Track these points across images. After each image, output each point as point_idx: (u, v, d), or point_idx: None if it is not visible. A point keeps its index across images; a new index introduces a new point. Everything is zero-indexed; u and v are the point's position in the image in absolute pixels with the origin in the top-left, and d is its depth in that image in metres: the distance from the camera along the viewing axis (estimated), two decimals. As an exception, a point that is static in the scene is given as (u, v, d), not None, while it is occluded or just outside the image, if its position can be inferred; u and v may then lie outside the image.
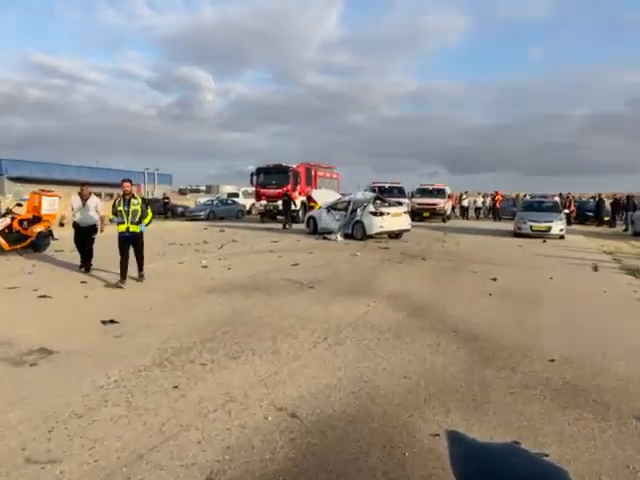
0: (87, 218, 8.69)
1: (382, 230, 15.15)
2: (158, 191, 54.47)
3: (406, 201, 22.82)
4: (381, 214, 15.08)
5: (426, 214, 25.50)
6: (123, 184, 7.58)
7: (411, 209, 21.68)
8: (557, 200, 22.01)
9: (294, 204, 22.03)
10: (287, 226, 20.49)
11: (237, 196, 35.02)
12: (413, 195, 26.95)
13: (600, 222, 24.87)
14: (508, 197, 36.36)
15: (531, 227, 16.76)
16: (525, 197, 33.67)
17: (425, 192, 27.07)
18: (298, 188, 24.08)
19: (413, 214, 21.54)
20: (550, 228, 16.50)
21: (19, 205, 12.17)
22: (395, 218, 15.42)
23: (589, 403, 3.54)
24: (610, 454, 2.86)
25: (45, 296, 6.63)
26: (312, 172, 26.22)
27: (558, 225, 16.55)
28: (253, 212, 29.29)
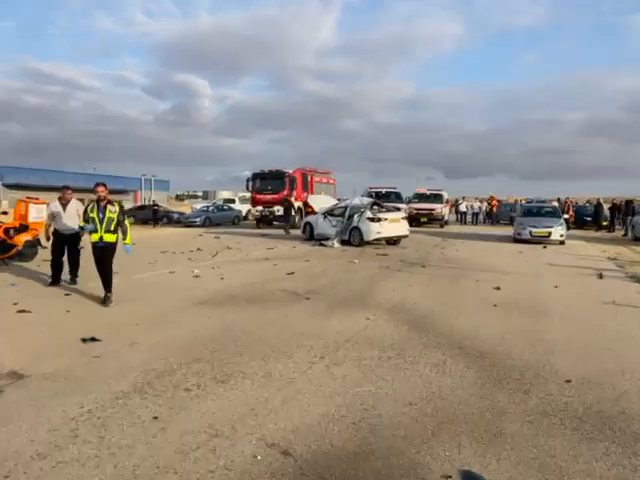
0: (69, 225, 8.03)
1: (380, 236, 14.83)
2: (155, 197, 54.18)
3: (403, 206, 22.53)
4: (379, 220, 14.77)
5: (423, 219, 25.21)
6: (97, 188, 6.75)
7: (408, 214, 21.38)
8: (556, 205, 21.77)
9: (294, 210, 21.69)
10: (288, 232, 20.17)
11: (233, 202, 34.71)
12: (410, 200, 26.67)
13: (599, 227, 24.67)
14: (504, 202, 36.19)
15: (531, 233, 16.49)
16: (521, 202, 33.58)
17: (422, 197, 26.81)
18: (294, 194, 23.76)
19: (410, 219, 21.26)
20: (550, 234, 16.23)
21: (4, 213, 11.76)
22: (393, 224, 15.10)
23: (616, 433, 3.18)
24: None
25: (24, 311, 6.23)
26: (308, 177, 25.93)
27: (558, 230, 16.27)
28: (250, 218, 28.95)
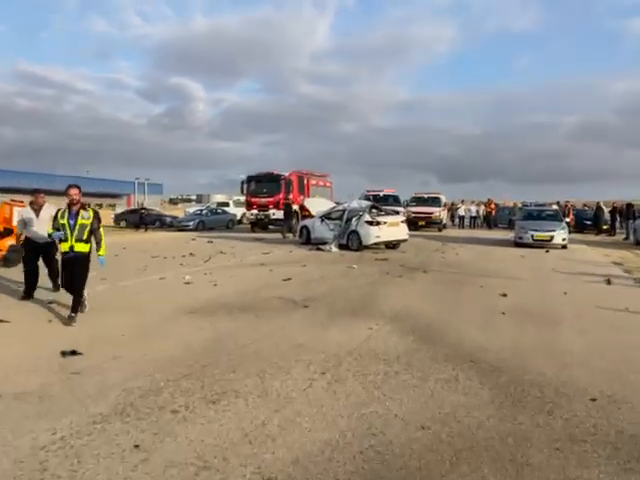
0: (43, 233, 6.98)
1: (379, 240, 14.48)
2: (149, 201, 53.68)
3: (402, 210, 22.20)
4: (378, 223, 14.42)
5: (421, 223, 24.88)
6: (69, 191, 5.92)
7: (406, 218, 21.06)
8: (557, 208, 21.50)
9: (296, 213, 21.29)
10: (286, 235, 19.80)
11: (228, 205, 34.29)
12: (408, 204, 26.36)
13: (599, 231, 24.43)
14: (502, 206, 35.96)
15: (532, 236, 16.16)
16: (520, 206, 33.33)
17: (420, 200, 26.49)
18: (290, 197, 23.39)
19: (408, 223, 20.94)
20: (552, 237, 15.92)
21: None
22: (392, 228, 14.76)
23: (656, 463, 2.82)
24: None
25: (2, 321, 5.82)
26: (304, 180, 25.59)
27: (561, 234, 15.97)
28: (244, 222, 28.55)
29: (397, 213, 17.66)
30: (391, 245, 15.28)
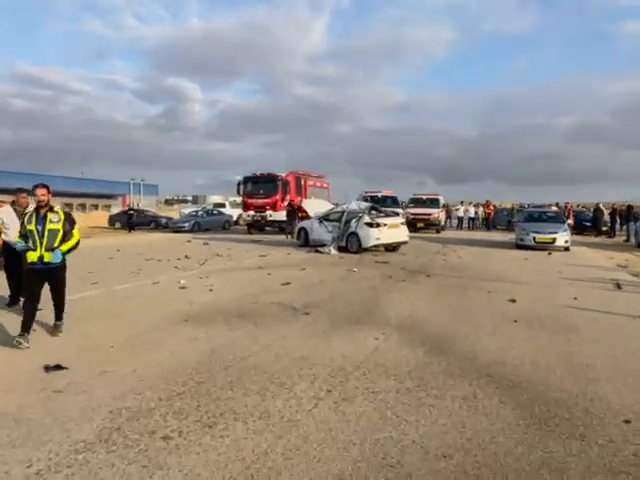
0: None
1: (379, 242, 14.15)
2: (144, 202, 53.19)
3: (400, 211, 21.89)
4: (377, 225, 14.09)
5: (420, 224, 24.58)
6: (35, 191, 5.04)
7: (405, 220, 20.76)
8: (557, 210, 21.26)
9: (297, 214, 20.90)
10: (289, 237, 19.45)
11: (224, 206, 33.87)
12: (407, 205, 26.05)
13: (598, 232, 24.20)
14: (499, 207, 35.71)
15: (534, 239, 15.89)
16: (514, 207, 33.10)
17: (419, 202, 26.21)
18: (287, 198, 23.05)
19: (407, 225, 20.64)
20: (555, 240, 15.64)
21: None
22: (392, 229, 14.44)
23: None
24: None
25: (-18, 330, 5.45)
26: (302, 181, 25.25)
27: (563, 236, 15.70)
28: (241, 223, 28.17)
29: (397, 215, 17.32)
30: (391, 247, 14.95)
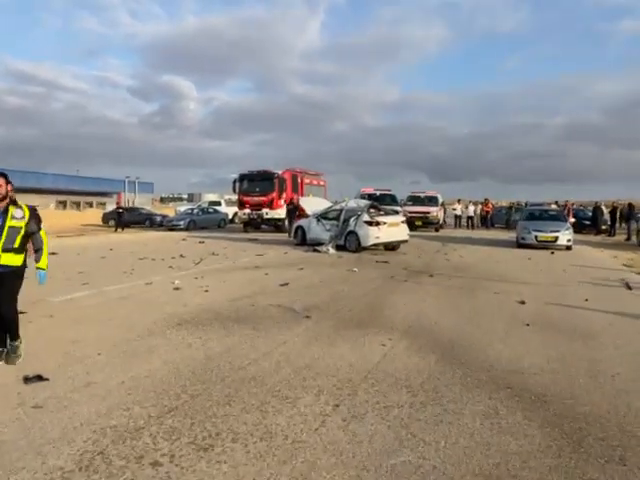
0: None
1: (378, 241, 13.81)
2: (139, 200, 52.62)
3: (399, 209, 21.56)
4: (377, 224, 13.74)
5: (418, 223, 24.25)
6: None
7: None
8: (558, 208, 21.00)
9: (297, 211, 20.48)
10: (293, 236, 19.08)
11: (219, 204, 33.46)
12: (405, 203, 25.72)
13: (598, 231, 24.00)
14: (495, 205, 35.46)
15: (536, 237, 15.60)
16: (513, 205, 32.85)
17: (417, 200, 25.89)
18: (284, 196, 22.68)
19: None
20: (557, 238, 15.37)
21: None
22: (392, 228, 14.10)
23: None
24: None
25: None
26: (298, 179, 24.87)
27: (565, 235, 15.41)
28: (236, 221, 27.77)
29: (396, 213, 16.99)
30: (390, 246, 14.63)
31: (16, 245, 4.23)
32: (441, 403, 3.56)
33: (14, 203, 4.31)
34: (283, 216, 22.54)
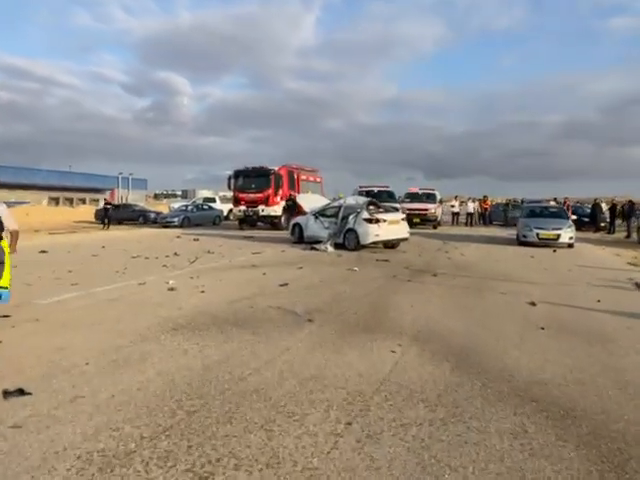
0: None
1: (378, 239, 13.49)
2: (133, 196, 52.02)
3: (398, 206, 21.26)
4: (377, 221, 13.40)
5: (416, 220, 23.95)
6: None
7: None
8: (556, 205, 20.79)
9: (297, 208, 20.07)
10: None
11: (214, 201, 33.02)
12: (402, 200, 25.42)
13: (597, 228, 23.83)
14: (493, 203, 35.26)
15: (538, 235, 15.36)
16: (510, 202, 32.66)
17: (415, 197, 25.58)
18: (280, 192, 22.31)
19: (404, 220, 20.01)
20: (559, 236, 15.13)
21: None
22: (392, 226, 13.78)
23: None
24: None
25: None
26: (295, 175, 24.48)
27: (568, 233, 15.18)
28: (231, 218, 27.38)
29: (396, 210, 16.68)
30: (390, 244, 14.33)
31: None
32: (463, 420, 3.24)
33: None
34: (279, 213, 22.19)
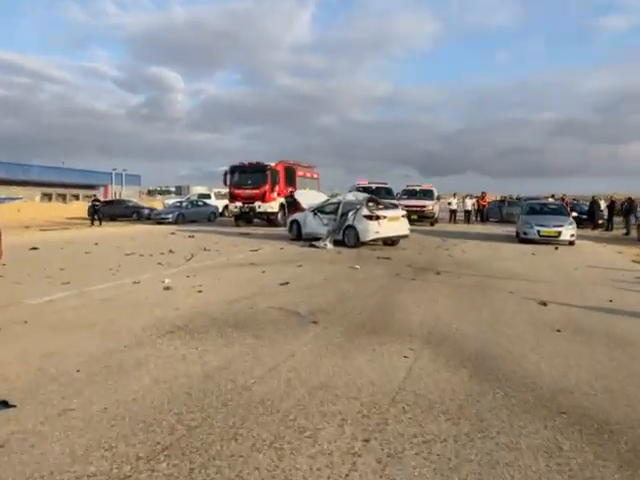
0: None
1: (378, 236, 13.23)
2: (126, 192, 51.45)
3: (396, 202, 20.97)
4: (377, 218, 13.13)
5: (414, 217, 23.68)
6: None
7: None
8: (555, 202, 20.61)
9: (296, 204, 19.68)
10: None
11: (209, 197, 32.64)
12: (400, 197, 25.15)
13: (595, 225, 23.69)
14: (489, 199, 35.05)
15: (539, 232, 15.16)
16: (506, 199, 32.47)
17: (412, 194, 25.33)
18: (277, 188, 21.97)
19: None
20: (560, 233, 14.95)
21: None
22: (392, 222, 13.51)
23: None
24: None
25: None
26: (292, 171, 24.13)
27: (568, 230, 15.00)
28: (227, 214, 27.00)
29: (396, 207, 16.40)
30: (389, 242, 14.06)
31: None
32: (490, 435, 2.97)
33: None
34: (276, 209, 21.86)
